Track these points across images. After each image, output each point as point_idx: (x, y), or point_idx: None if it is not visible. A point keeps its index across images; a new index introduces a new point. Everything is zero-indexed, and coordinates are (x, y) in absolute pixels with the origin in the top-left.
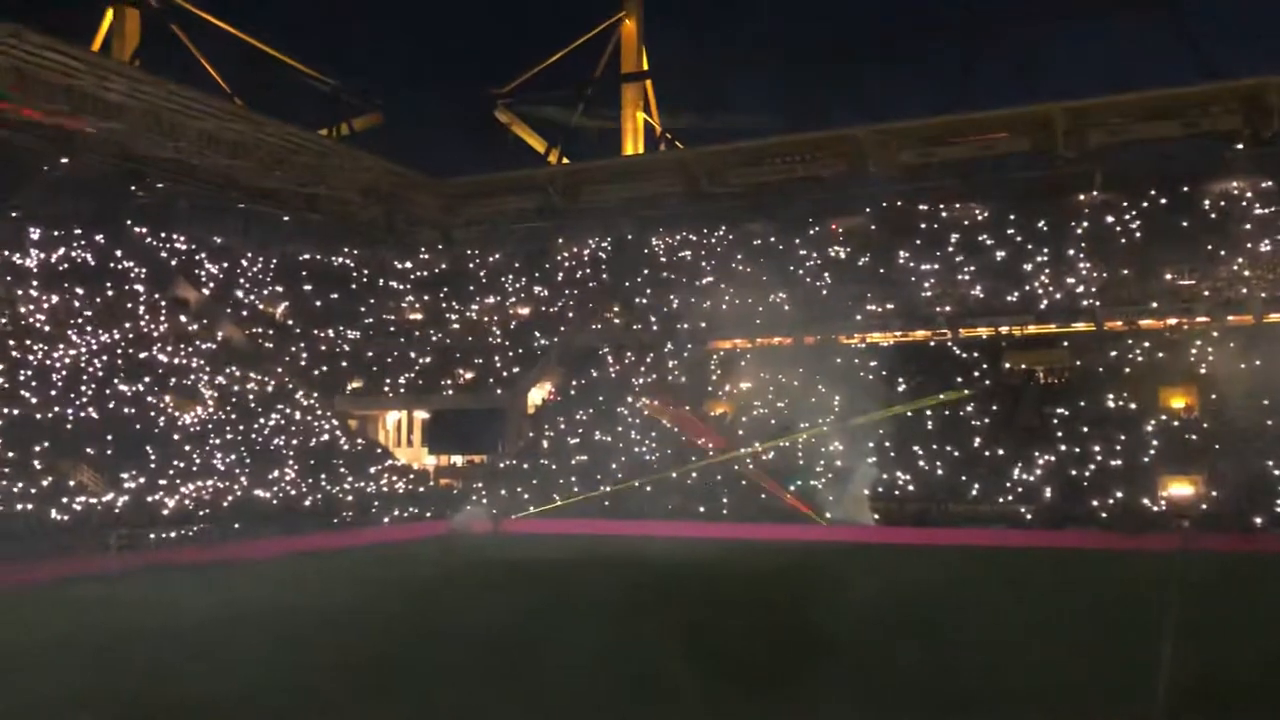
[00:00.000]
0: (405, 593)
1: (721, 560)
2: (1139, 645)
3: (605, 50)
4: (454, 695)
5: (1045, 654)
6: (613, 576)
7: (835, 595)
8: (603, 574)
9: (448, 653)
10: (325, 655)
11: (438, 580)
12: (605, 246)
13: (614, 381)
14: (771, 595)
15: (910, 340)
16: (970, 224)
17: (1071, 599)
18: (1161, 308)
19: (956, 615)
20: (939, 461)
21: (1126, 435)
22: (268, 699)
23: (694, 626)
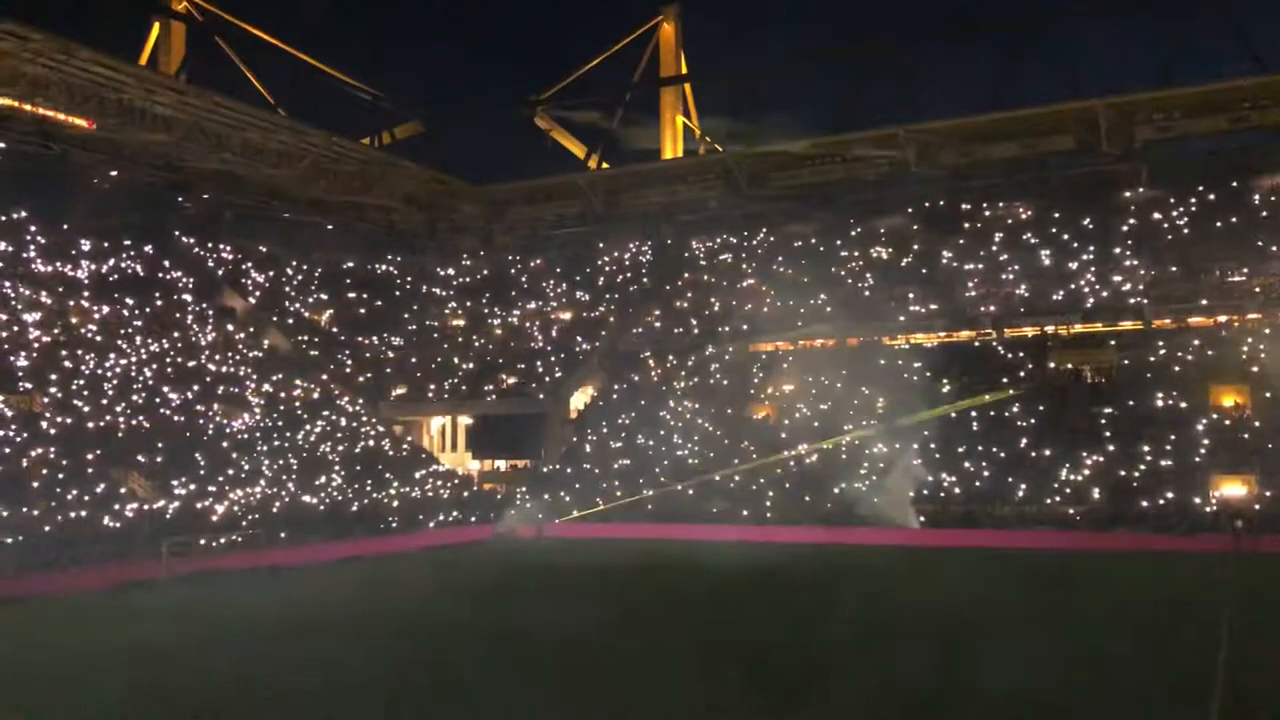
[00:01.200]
0: (465, 597)
1: (776, 566)
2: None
3: (644, 54)
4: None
5: (1105, 669)
6: (662, 582)
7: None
8: (647, 579)
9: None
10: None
11: (493, 585)
12: (645, 250)
13: (655, 385)
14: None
15: (955, 341)
16: (1014, 223)
17: (1117, 604)
18: (1211, 305)
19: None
20: (985, 463)
21: (1176, 435)
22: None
23: (746, 629)
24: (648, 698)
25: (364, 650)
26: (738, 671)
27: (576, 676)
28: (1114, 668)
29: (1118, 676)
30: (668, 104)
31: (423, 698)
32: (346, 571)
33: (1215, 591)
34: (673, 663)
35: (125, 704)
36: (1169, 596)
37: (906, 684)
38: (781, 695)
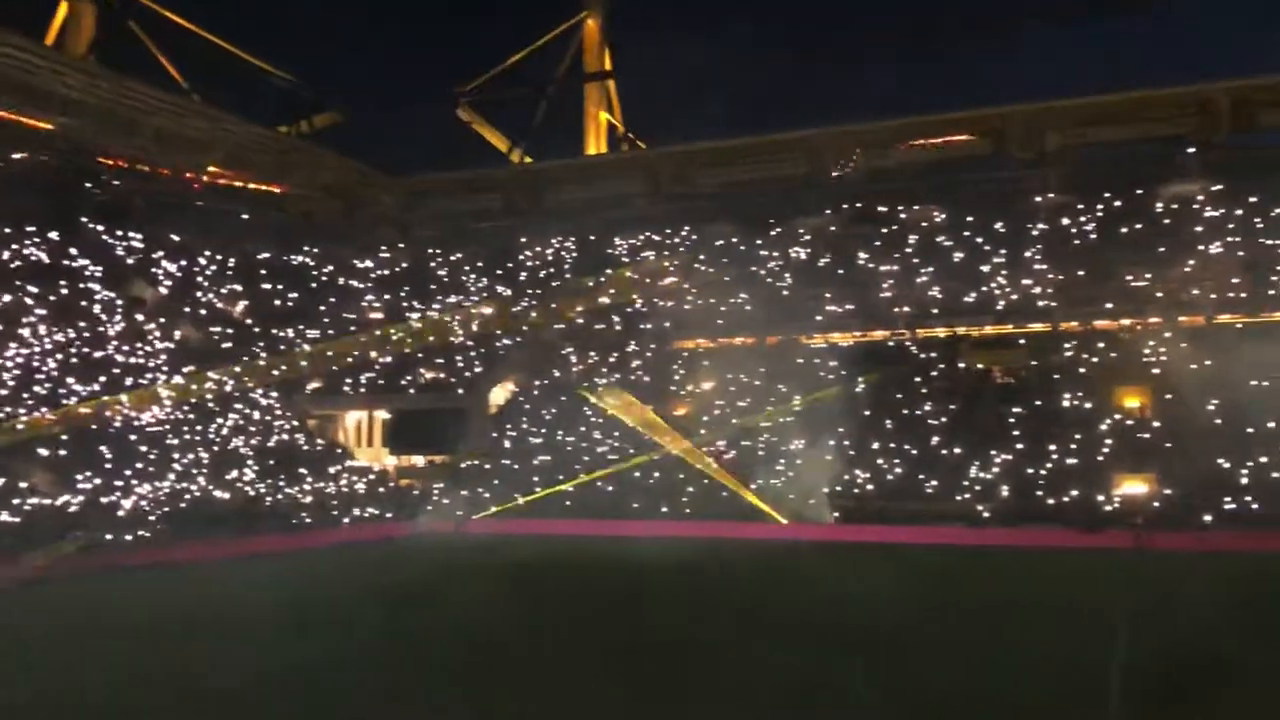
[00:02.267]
0: (360, 596)
1: (684, 562)
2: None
3: (568, 50)
4: None
5: (982, 655)
6: (577, 580)
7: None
8: (562, 577)
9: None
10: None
11: (395, 584)
12: (568, 246)
13: (576, 381)
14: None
15: (870, 340)
16: (929, 226)
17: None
18: (1116, 309)
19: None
20: (898, 460)
21: (1081, 434)
22: None
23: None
24: (504, 699)
25: (208, 652)
26: (610, 669)
27: (440, 677)
28: (970, 659)
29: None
30: (592, 100)
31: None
32: (249, 568)
33: (1100, 588)
34: (547, 662)
35: None
36: (1056, 593)
37: (774, 682)
38: (642, 692)
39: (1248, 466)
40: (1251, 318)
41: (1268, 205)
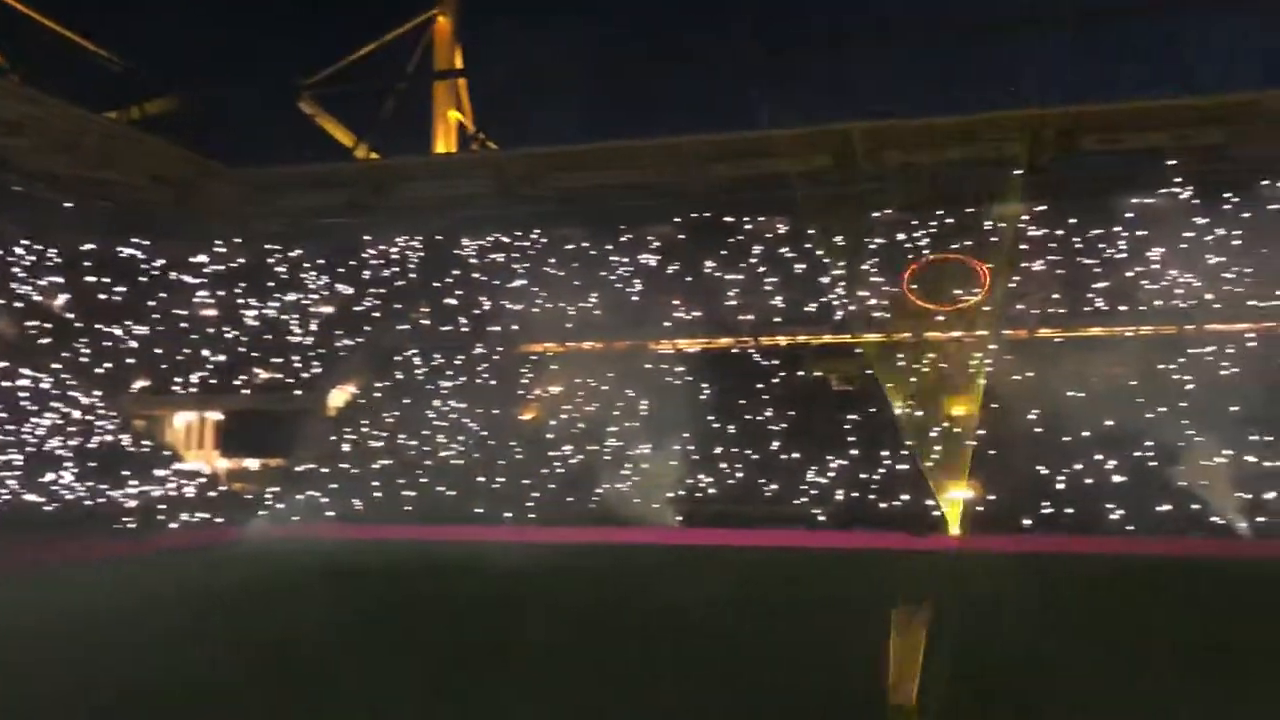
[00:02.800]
0: (163, 606)
1: (523, 566)
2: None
3: (418, 46)
4: None
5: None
6: (403, 585)
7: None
8: (387, 581)
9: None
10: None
11: (205, 592)
12: (415, 246)
13: (421, 384)
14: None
15: (716, 347)
16: (773, 236)
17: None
18: (947, 321)
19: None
20: (739, 465)
21: (913, 440)
22: None
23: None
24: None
25: None
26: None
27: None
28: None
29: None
30: (441, 98)
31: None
32: (54, 576)
33: (909, 587)
34: (344, 670)
35: None
36: (872, 592)
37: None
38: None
39: (1064, 473)
40: (1070, 332)
41: (1087, 226)
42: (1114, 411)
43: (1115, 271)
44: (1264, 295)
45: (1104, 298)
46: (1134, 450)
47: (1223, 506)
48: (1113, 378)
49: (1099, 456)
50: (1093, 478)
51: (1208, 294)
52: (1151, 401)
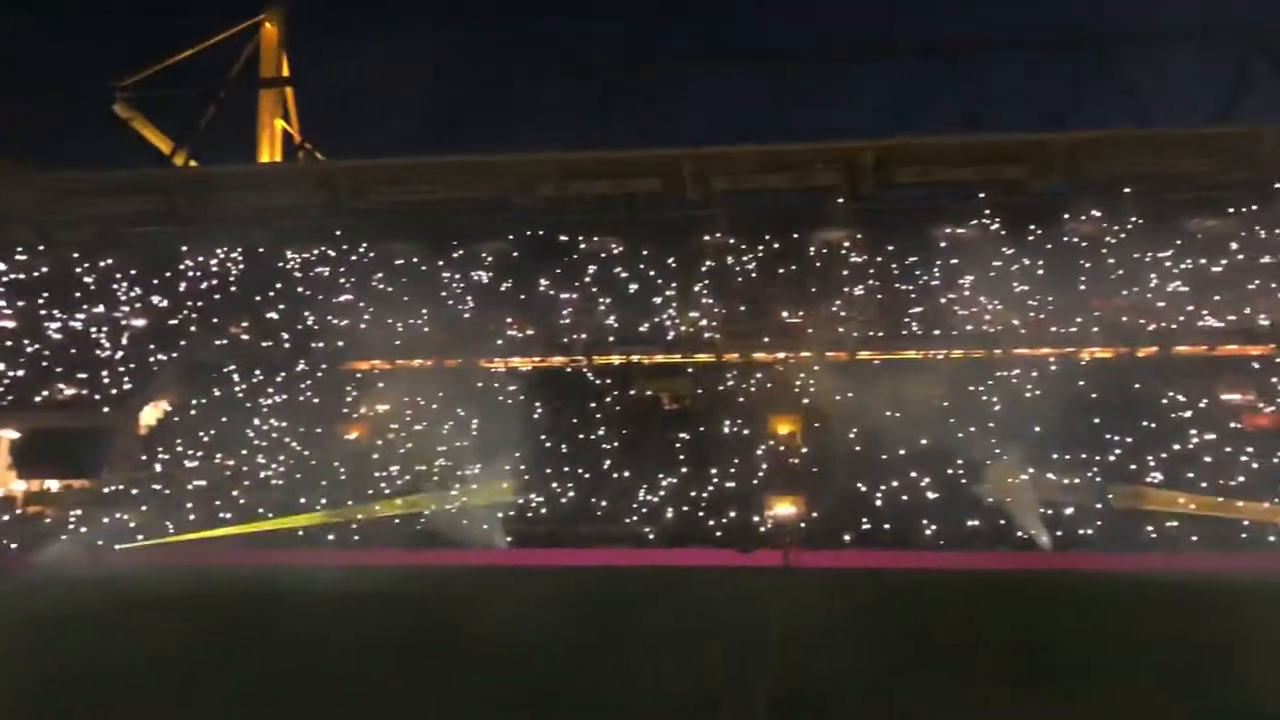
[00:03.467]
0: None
1: (340, 590)
2: None
3: (243, 52)
4: None
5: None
6: (206, 614)
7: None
8: (184, 610)
9: None
10: None
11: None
12: (236, 257)
13: (240, 401)
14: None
15: (548, 366)
16: (606, 257)
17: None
18: (773, 343)
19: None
20: (570, 484)
21: (739, 459)
22: None
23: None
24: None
25: None
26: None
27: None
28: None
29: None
30: (266, 107)
31: None
32: None
33: (730, 605)
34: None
35: None
36: (691, 610)
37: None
38: None
39: (881, 490)
40: (887, 355)
41: (902, 254)
42: (928, 431)
43: (929, 297)
44: (1063, 321)
45: (918, 322)
46: (946, 468)
47: (1027, 522)
48: (926, 399)
49: (914, 474)
50: (908, 495)
51: (1013, 320)
52: (962, 421)
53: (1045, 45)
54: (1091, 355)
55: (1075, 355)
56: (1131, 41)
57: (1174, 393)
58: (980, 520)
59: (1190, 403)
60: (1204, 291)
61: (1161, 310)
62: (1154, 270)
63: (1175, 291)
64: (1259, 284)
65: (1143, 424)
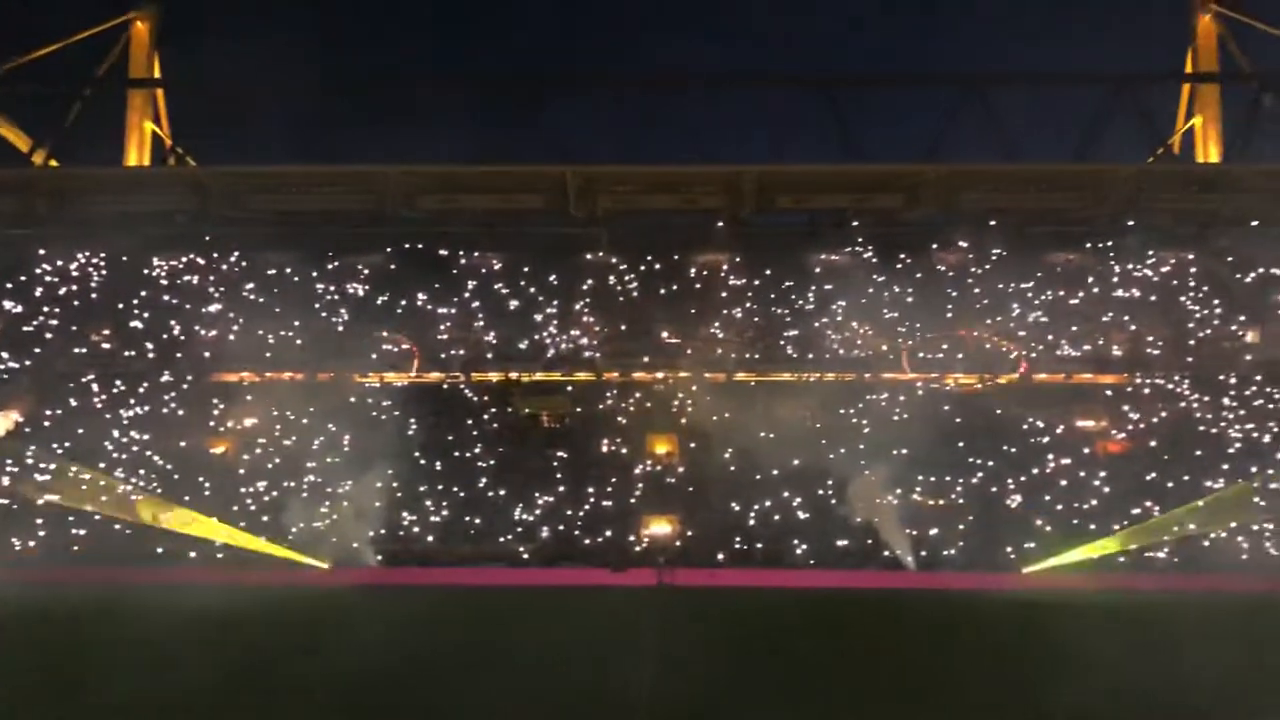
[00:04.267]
0: None
1: (194, 610)
2: None
3: (111, 52)
4: None
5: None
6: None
7: None
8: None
9: None
10: None
11: None
12: (98, 263)
13: (99, 412)
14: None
15: (425, 382)
16: (488, 272)
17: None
18: (652, 362)
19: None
20: (445, 502)
21: (617, 478)
22: None
23: None
24: None
25: None
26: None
27: None
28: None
29: None
30: (135, 108)
31: None
32: None
33: (597, 624)
34: None
35: None
36: (551, 629)
37: None
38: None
39: (754, 510)
40: (763, 376)
41: (780, 279)
42: (801, 452)
43: (804, 321)
44: (930, 348)
45: (794, 345)
46: (818, 488)
47: (894, 542)
48: (800, 420)
49: (787, 494)
50: (781, 514)
51: (884, 345)
52: (833, 443)
53: (919, 79)
54: (957, 381)
55: (941, 381)
56: (1003, 80)
57: (1033, 419)
58: (849, 540)
59: (1048, 429)
60: (1062, 322)
61: (1023, 339)
62: (1017, 300)
63: (1036, 321)
64: (1113, 316)
65: (1004, 448)
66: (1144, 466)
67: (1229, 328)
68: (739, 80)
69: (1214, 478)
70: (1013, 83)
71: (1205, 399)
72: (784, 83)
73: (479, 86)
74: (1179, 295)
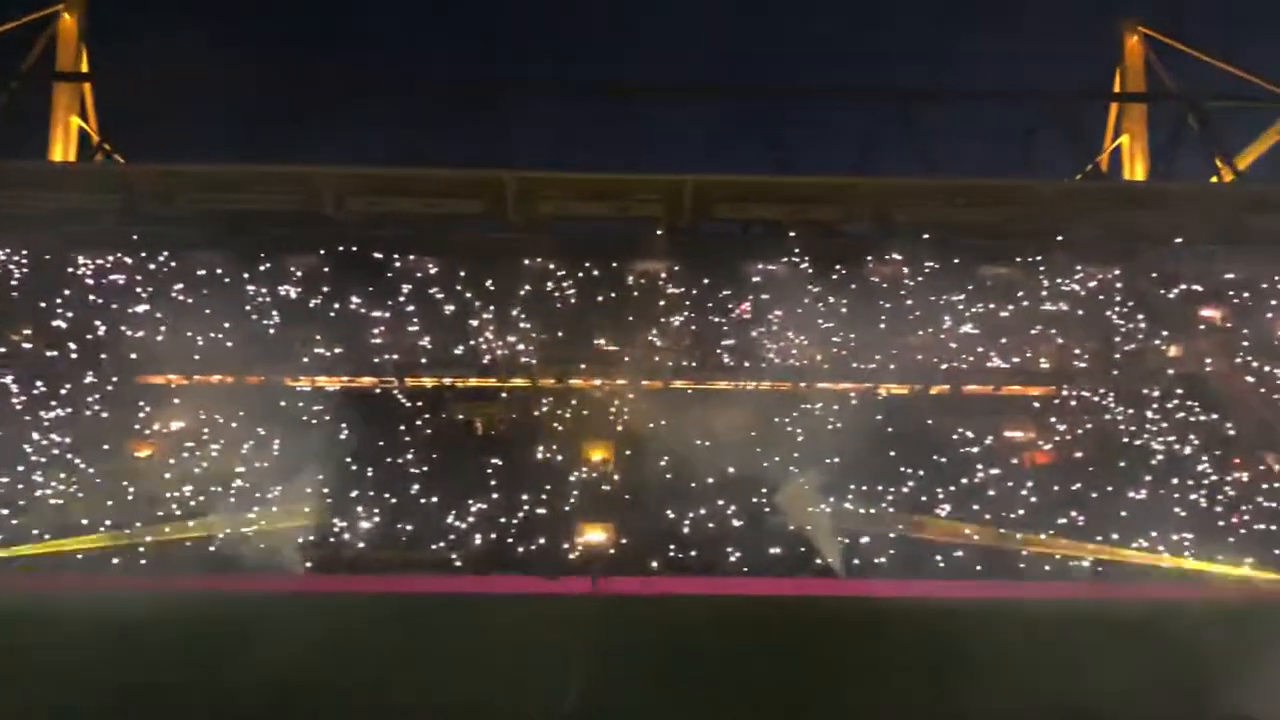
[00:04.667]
0: None
1: (110, 618)
2: None
3: (35, 44)
4: None
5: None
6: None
7: None
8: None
9: None
10: None
11: None
12: (20, 260)
13: (18, 414)
14: None
15: (358, 386)
16: (423, 276)
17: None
18: (588, 369)
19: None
20: (377, 509)
21: (552, 485)
22: None
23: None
24: None
25: None
26: None
27: None
28: None
29: None
30: (61, 103)
31: None
32: None
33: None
34: None
35: None
36: (475, 639)
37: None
38: None
39: (689, 518)
40: (700, 384)
41: (717, 287)
42: (735, 460)
43: (740, 331)
44: (863, 358)
45: (729, 354)
46: (752, 497)
47: (827, 549)
48: (735, 429)
49: (721, 502)
50: (715, 522)
51: (818, 355)
52: (768, 452)
53: (852, 94)
54: (889, 392)
55: (874, 391)
56: (930, 96)
57: (963, 429)
58: (782, 547)
59: (977, 439)
60: (991, 335)
61: (953, 351)
62: (947, 313)
63: (966, 334)
64: (1039, 329)
65: (934, 458)
66: (1069, 477)
67: (1152, 342)
68: (676, 91)
69: (1137, 489)
70: (942, 99)
71: (1129, 411)
72: (716, 95)
73: (420, 88)
74: (1105, 310)
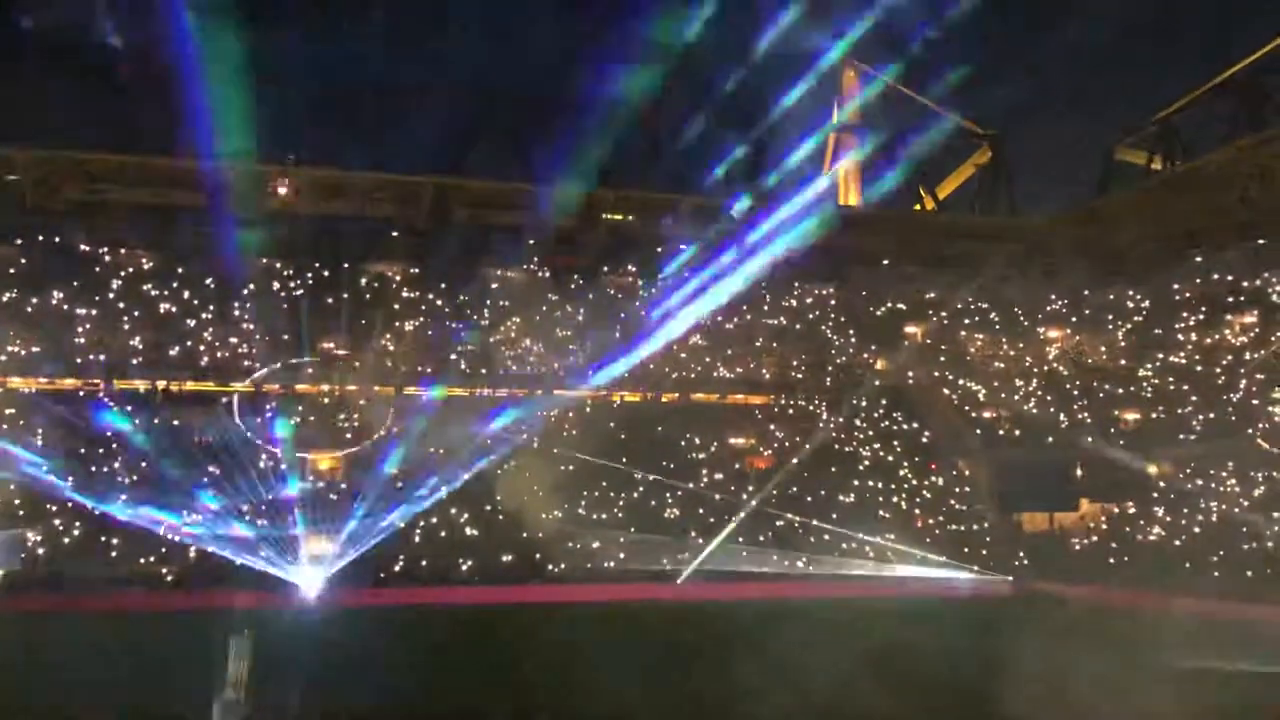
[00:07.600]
0: None
1: None
2: None
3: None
4: None
5: None
6: None
7: None
8: None
9: None
10: None
11: None
12: None
13: None
14: None
15: (58, 389)
16: (136, 271)
17: None
18: (318, 374)
19: None
20: (78, 520)
21: (275, 494)
22: None
23: None
24: None
25: None
26: None
27: None
28: None
29: None
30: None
31: None
32: None
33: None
34: None
35: None
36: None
37: None
38: None
39: (420, 526)
40: (434, 391)
41: (455, 292)
42: (468, 468)
43: (477, 336)
44: (598, 366)
45: (466, 360)
46: (484, 505)
47: (558, 555)
48: (469, 436)
49: (453, 510)
50: (446, 531)
51: (554, 362)
52: (502, 459)
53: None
54: (622, 399)
55: (608, 398)
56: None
57: (691, 435)
58: (514, 555)
59: (704, 445)
60: (719, 346)
61: (683, 361)
62: (681, 325)
63: (695, 345)
64: (762, 342)
65: (664, 463)
66: (786, 481)
67: (861, 355)
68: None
69: (845, 492)
70: None
71: (839, 420)
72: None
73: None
74: (820, 325)
